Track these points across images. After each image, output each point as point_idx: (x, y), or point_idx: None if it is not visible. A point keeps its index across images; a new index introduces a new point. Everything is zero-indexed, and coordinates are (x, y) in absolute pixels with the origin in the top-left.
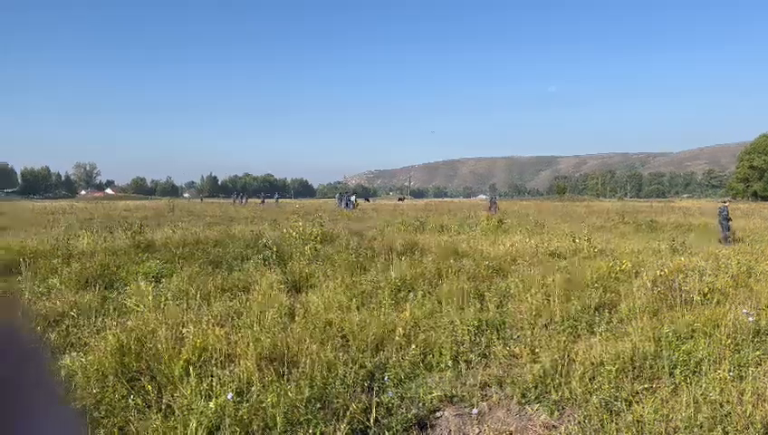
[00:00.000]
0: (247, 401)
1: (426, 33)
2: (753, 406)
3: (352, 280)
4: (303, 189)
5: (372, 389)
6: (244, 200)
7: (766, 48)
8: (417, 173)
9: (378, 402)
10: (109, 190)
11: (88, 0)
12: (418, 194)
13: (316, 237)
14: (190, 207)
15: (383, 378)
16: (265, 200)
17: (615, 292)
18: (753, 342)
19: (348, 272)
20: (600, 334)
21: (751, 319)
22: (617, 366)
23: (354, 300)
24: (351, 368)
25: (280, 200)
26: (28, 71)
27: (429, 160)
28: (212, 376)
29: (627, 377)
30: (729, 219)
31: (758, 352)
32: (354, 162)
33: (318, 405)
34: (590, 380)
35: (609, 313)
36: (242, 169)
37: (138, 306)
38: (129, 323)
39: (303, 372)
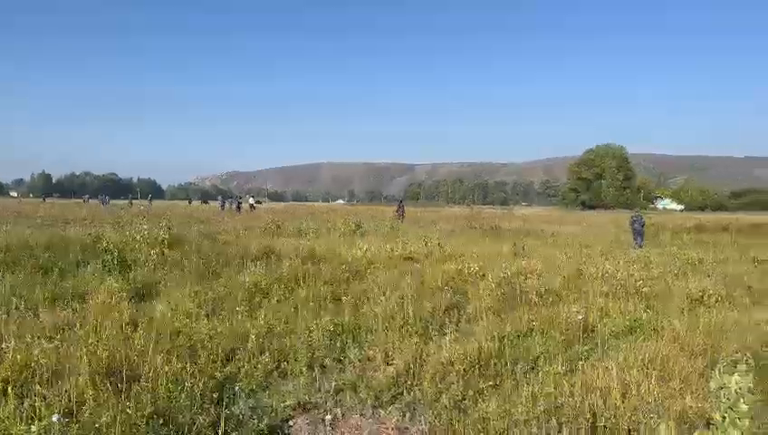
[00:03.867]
0: (78, 421)
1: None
2: (583, 397)
3: (203, 286)
4: (151, 190)
5: (222, 400)
6: (104, 201)
7: (595, 69)
8: (275, 176)
9: (228, 414)
10: None
11: None
12: (277, 197)
13: (163, 241)
14: (19, 208)
15: (234, 388)
16: (133, 202)
17: (464, 293)
18: (582, 338)
19: (198, 278)
20: (450, 335)
21: (580, 317)
22: (465, 365)
23: (204, 307)
24: (200, 379)
25: (153, 202)
26: None
27: (288, 163)
28: (35, 396)
29: (474, 375)
30: (643, 225)
31: (586, 347)
32: (207, 163)
33: (161, 421)
34: (440, 380)
35: (459, 313)
36: (79, 166)
37: None
38: None
39: (145, 386)
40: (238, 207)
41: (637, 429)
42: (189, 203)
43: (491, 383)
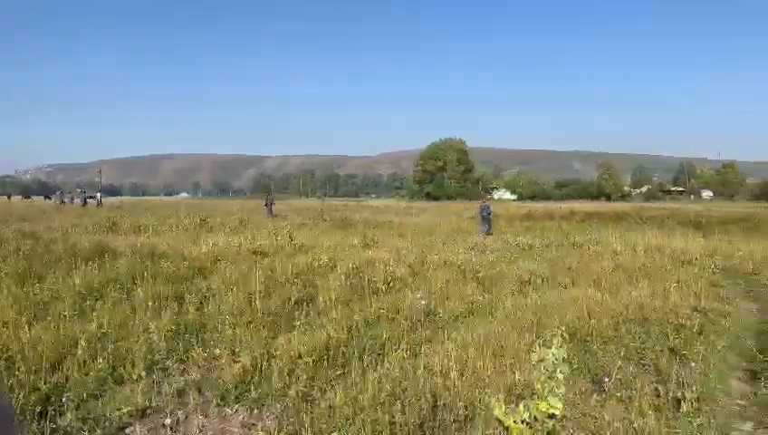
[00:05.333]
0: None
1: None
2: (425, 379)
3: (23, 290)
4: None
5: (47, 414)
6: None
7: (438, 70)
8: (110, 168)
9: (54, 428)
10: None
11: None
12: (113, 192)
13: None
14: None
15: (61, 400)
16: None
17: (313, 285)
18: (425, 322)
19: (17, 282)
20: (299, 328)
21: (423, 302)
22: (313, 357)
23: (25, 314)
24: (19, 393)
25: None
26: None
27: (125, 155)
28: None
29: (322, 366)
30: (490, 213)
31: (428, 331)
32: (27, 154)
33: None
34: (288, 373)
35: (308, 306)
36: None
37: None
38: None
39: None
40: (84, 202)
41: (473, 404)
42: (8, 199)
43: (339, 372)
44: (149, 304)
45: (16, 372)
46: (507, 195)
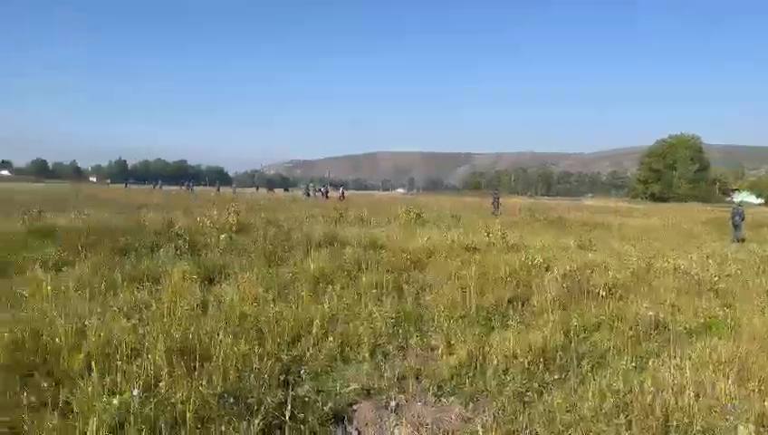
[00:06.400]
0: (155, 396)
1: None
2: (653, 395)
3: (269, 271)
4: (219, 178)
5: (288, 383)
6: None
7: (660, 62)
8: (337, 164)
9: (294, 396)
10: (5, 172)
11: None
12: (339, 186)
13: (231, 227)
14: (99, 193)
15: (299, 371)
16: (221, 188)
17: (527, 285)
18: (652, 334)
19: (264, 263)
20: (514, 327)
21: (651, 313)
22: (529, 358)
23: (270, 292)
24: (267, 361)
25: (237, 190)
26: None
27: (347, 153)
28: (116, 371)
29: (538, 368)
30: (743, 219)
31: (656, 344)
32: (271, 151)
33: (231, 400)
34: (503, 371)
35: (522, 306)
36: (151, 154)
37: (34, 296)
38: (23, 314)
39: (216, 366)
40: (325, 195)
41: (712, 429)
42: (256, 190)
43: (556, 377)
44: (372, 291)
45: (264, 343)
46: (751, 198)
